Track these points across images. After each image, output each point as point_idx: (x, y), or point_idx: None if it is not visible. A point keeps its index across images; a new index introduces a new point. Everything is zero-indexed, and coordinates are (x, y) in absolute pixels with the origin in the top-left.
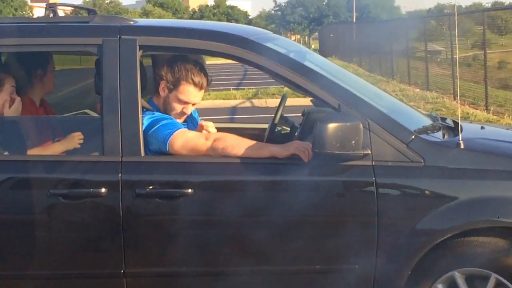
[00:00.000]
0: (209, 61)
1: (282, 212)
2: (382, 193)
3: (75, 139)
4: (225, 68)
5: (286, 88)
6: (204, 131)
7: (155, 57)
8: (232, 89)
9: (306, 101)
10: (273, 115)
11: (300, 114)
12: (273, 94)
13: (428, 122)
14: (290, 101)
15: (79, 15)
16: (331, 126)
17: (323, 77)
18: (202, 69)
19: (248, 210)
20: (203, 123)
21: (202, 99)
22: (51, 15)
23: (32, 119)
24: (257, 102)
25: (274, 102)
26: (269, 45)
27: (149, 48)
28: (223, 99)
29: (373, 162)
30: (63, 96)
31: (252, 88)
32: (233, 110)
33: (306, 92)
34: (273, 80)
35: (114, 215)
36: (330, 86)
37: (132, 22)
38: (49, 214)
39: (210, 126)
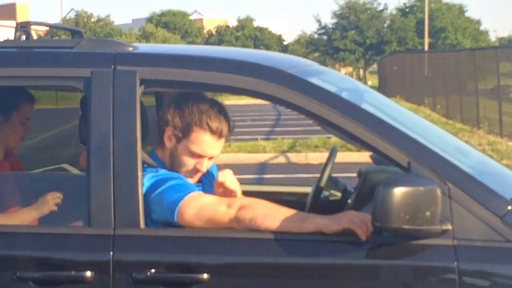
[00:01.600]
0: (229, 100)
1: None
2: (467, 283)
3: (50, 202)
4: (251, 110)
5: (334, 139)
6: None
7: (159, 96)
8: (261, 139)
9: (362, 157)
10: (318, 176)
11: (355, 175)
12: (316, 146)
13: None
14: (339, 157)
15: (56, 38)
16: (398, 191)
17: (386, 125)
18: (221, 110)
19: None
20: (220, 175)
21: (221, 152)
22: (23, 37)
23: None
24: (294, 157)
25: (317, 157)
26: (313, 80)
27: (153, 83)
28: (249, 152)
29: (454, 241)
30: (33, 146)
31: (288, 138)
32: (262, 167)
33: (363, 145)
34: (317, 128)
35: None
36: (396, 137)
37: (130, 48)
38: None
39: (229, 178)
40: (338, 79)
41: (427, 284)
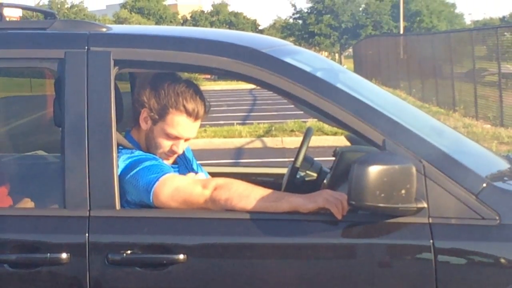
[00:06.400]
0: (205, 86)
1: (307, 286)
2: (442, 261)
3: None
4: (227, 95)
5: (310, 123)
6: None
7: (135, 77)
8: (237, 123)
9: (338, 141)
10: (294, 157)
11: (331, 158)
12: (292, 130)
13: (504, 165)
14: (315, 141)
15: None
16: (373, 169)
17: (361, 103)
18: (197, 92)
19: (260, 284)
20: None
21: (196, 137)
22: None
23: None
24: (270, 142)
25: (292, 141)
26: (288, 60)
27: (127, 63)
28: (225, 137)
29: (430, 219)
30: (7, 132)
31: (264, 123)
32: (238, 152)
33: (338, 123)
34: (292, 112)
35: None
36: (371, 116)
37: (104, 29)
38: None
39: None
40: (312, 58)
41: (402, 263)
